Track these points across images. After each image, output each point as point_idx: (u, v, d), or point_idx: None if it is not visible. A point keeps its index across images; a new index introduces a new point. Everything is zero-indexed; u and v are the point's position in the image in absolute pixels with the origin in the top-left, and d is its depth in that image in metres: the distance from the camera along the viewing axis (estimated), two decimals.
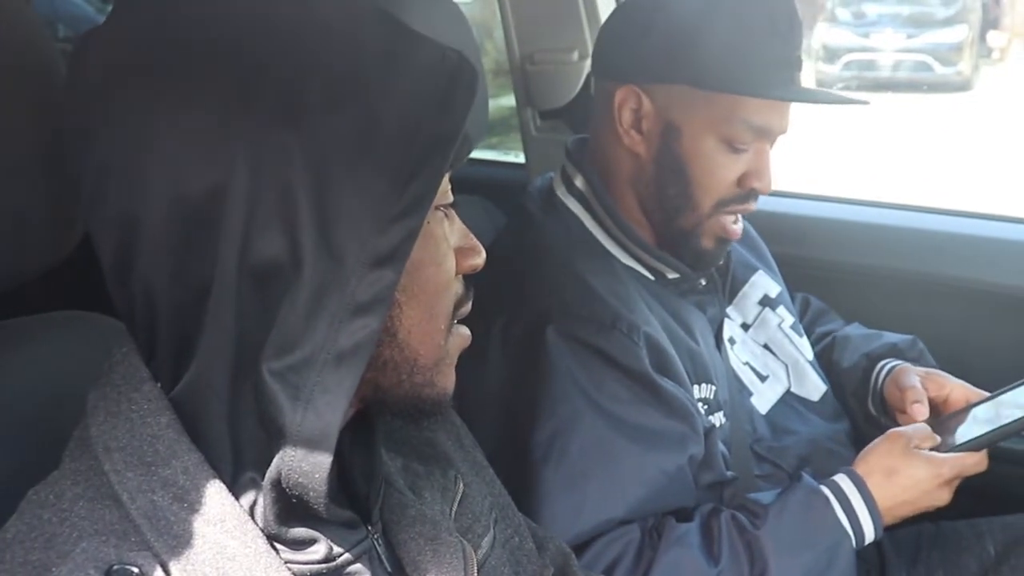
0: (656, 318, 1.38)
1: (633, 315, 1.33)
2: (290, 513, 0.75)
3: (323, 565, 0.77)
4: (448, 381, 0.84)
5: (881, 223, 2.00)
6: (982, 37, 10.46)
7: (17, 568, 0.69)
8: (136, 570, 0.69)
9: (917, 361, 1.61)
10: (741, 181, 1.39)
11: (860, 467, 1.32)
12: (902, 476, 1.30)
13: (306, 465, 0.72)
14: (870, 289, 1.91)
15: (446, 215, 0.84)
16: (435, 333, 0.81)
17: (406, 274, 0.74)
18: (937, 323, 1.85)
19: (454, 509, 0.95)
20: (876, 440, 1.35)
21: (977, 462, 1.32)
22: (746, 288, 1.65)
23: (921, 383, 1.49)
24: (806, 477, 1.34)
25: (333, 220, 0.70)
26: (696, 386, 1.39)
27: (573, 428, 1.28)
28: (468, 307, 0.85)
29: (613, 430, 1.28)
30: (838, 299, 1.84)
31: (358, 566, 0.80)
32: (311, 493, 0.73)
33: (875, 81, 9.55)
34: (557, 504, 1.26)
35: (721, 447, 1.39)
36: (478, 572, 0.88)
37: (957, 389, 1.48)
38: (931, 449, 1.33)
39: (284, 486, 0.73)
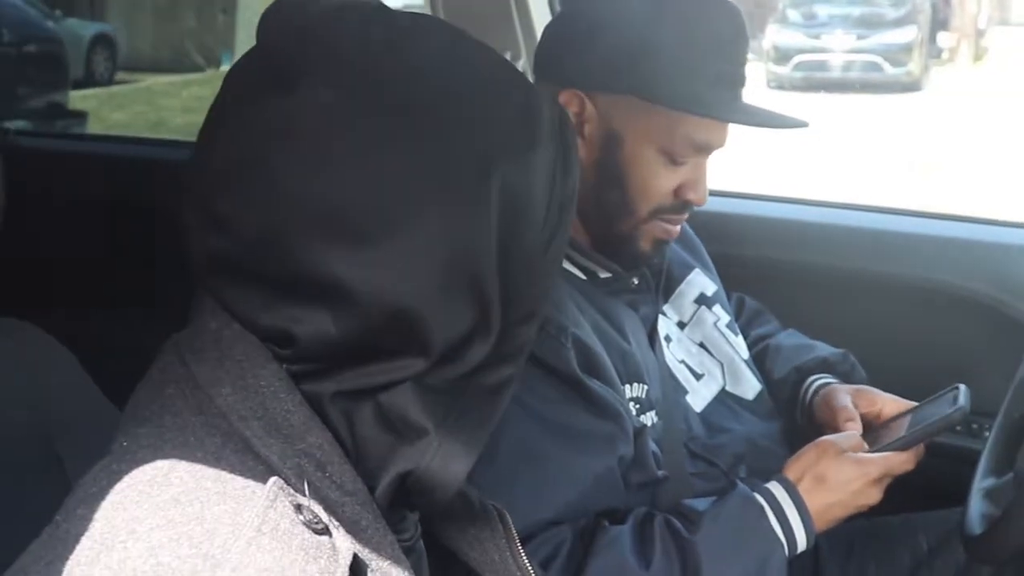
0: (586, 318, 1.38)
1: (562, 316, 1.33)
2: (401, 498, 0.80)
3: (410, 543, 0.84)
4: None
5: (816, 221, 2.02)
6: (932, 38, 10.60)
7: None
8: (321, 512, 0.72)
9: (848, 375, 1.62)
10: (677, 192, 1.39)
11: (790, 473, 1.33)
12: (830, 480, 1.31)
13: (443, 473, 0.77)
14: (806, 287, 1.92)
15: None
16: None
17: None
18: (872, 320, 1.86)
19: None
20: (805, 447, 1.36)
21: (904, 461, 1.33)
22: (683, 286, 1.65)
23: (852, 401, 1.50)
24: (741, 485, 1.34)
25: None
26: (627, 386, 1.39)
27: (501, 429, 1.26)
28: None
29: (541, 431, 1.28)
30: (774, 298, 1.85)
31: (420, 544, 0.87)
32: (438, 494, 0.78)
33: (825, 81, 9.63)
34: None
35: (652, 446, 1.39)
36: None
37: (889, 403, 1.50)
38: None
39: (414, 479, 0.77)
